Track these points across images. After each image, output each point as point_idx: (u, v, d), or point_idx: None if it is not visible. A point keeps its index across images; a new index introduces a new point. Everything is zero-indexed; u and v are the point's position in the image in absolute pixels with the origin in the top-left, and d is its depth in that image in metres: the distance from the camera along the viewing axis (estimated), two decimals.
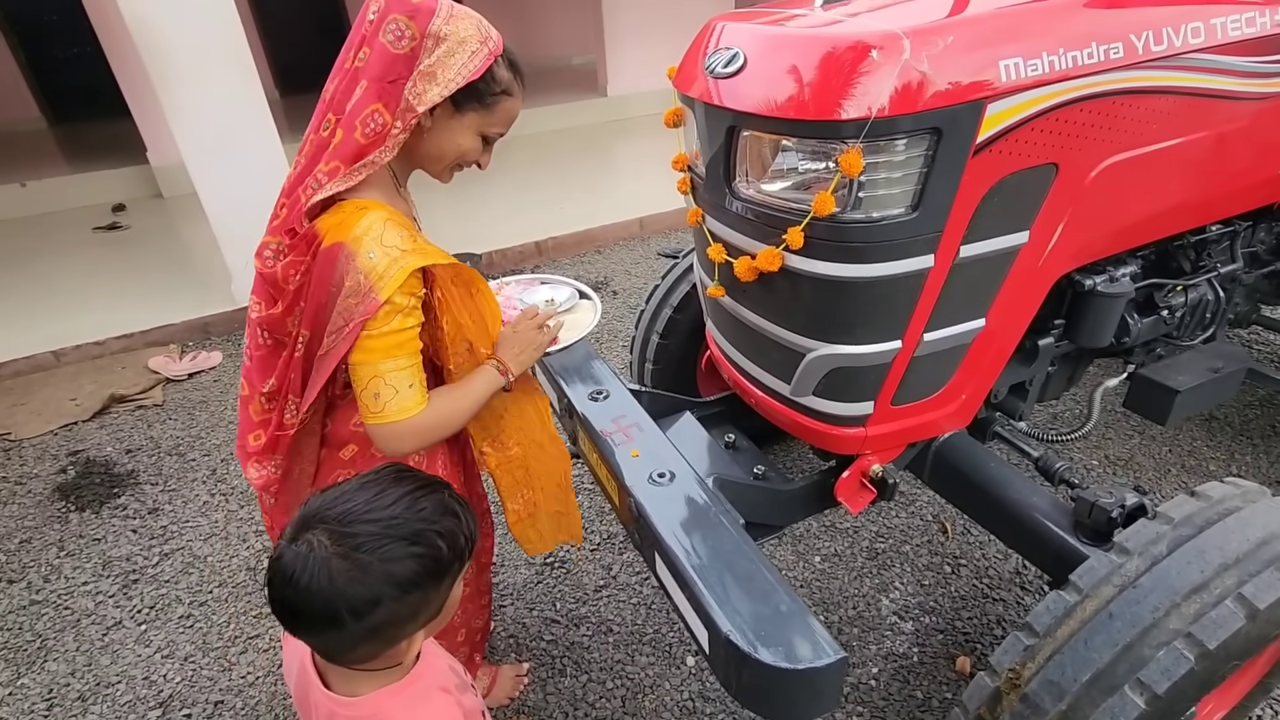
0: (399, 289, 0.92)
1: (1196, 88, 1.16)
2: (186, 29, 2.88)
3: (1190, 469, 2.26)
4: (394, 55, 0.91)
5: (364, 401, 0.97)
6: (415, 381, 0.98)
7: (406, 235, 0.95)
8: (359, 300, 0.91)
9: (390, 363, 0.95)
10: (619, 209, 4.51)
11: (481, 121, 1.01)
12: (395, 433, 0.99)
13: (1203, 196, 1.35)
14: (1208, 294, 1.57)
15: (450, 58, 0.93)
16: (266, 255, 0.99)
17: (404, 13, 0.91)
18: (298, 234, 0.95)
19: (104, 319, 3.45)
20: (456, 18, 0.94)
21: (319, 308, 0.94)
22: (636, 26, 6.96)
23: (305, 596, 0.68)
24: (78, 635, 1.90)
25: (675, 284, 2.07)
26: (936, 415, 1.34)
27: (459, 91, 0.95)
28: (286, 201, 0.97)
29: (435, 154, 1.02)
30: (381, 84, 0.92)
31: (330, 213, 0.95)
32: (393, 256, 0.92)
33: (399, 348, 0.95)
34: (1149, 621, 0.98)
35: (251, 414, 1.09)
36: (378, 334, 0.93)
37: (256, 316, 1.03)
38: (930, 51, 0.95)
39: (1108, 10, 1.07)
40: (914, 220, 1.06)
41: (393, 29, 0.91)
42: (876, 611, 1.86)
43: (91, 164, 5.75)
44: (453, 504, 0.78)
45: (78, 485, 2.48)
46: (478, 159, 1.06)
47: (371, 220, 0.93)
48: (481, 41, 0.95)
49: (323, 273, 0.93)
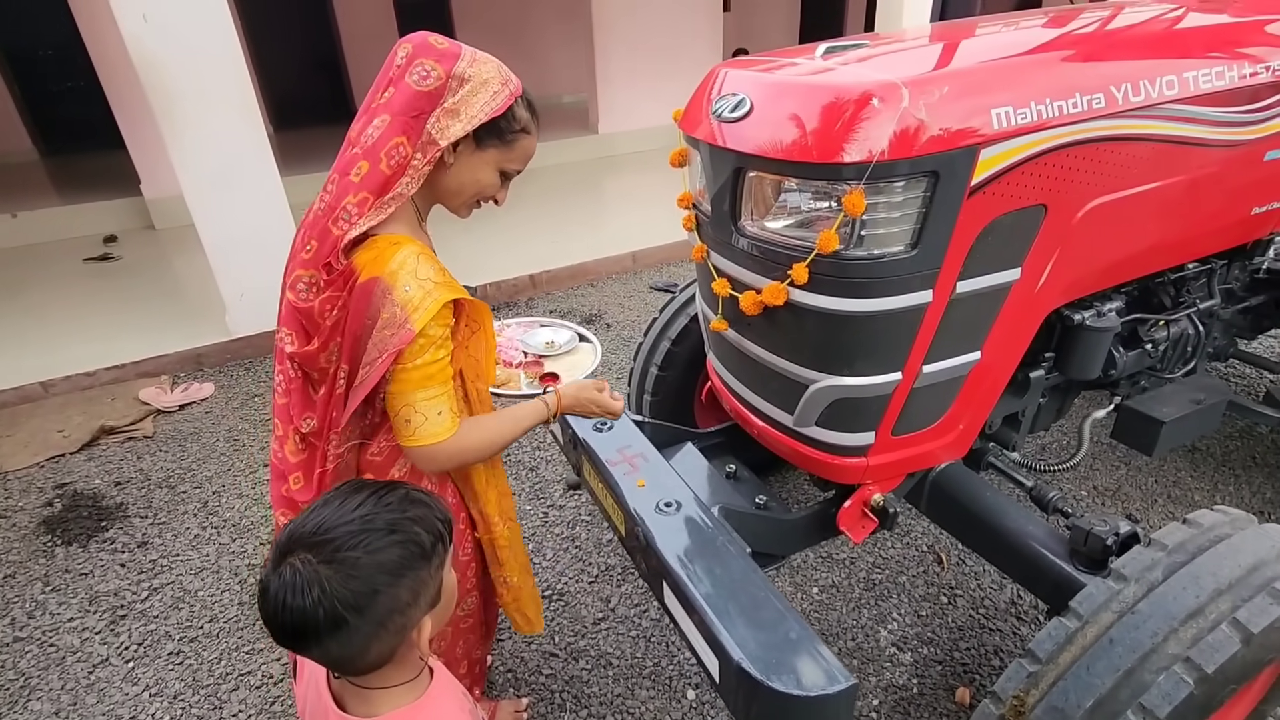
0: (433, 320, 0.96)
1: (1172, 135, 1.23)
2: (192, 67, 2.94)
3: (1176, 499, 2.31)
4: (418, 92, 0.97)
5: (396, 425, 1.02)
6: (445, 409, 1.02)
7: (438, 269, 1.00)
8: (394, 331, 0.95)
9: (422, 392, 0.99)
10: (611, 243, 4.58)
11: (501, 157, 1.06)
12: (427, 455, 1.03)
13: (1180, 236, 1.42)
14: (1188, 328, 1.64)
15: (474, 96, 0.98)
16: (300, 288, 1.01)
17: (431, 57, 0.97)
18: (334, 269, 0.98)
19: (94, 350, 3.42)
20: (480, 61, 1.00)
21: (355, 341, 0.97)
22: (627, 67, 7.16)
23: (302, 614, 0.69)
24: (63, 673, 1.86)
25: (673, 317, 2.11)
26: (935, 445, 1.38)
27: (480, 128, 1.00)
28: (313, 235, 0.99)
29: (455, 188, 1.06)
30: (405, 118, 0.96)
31: (364, 248, 0.98)
32: (426, 289, 0.96)
33: (431, 378, 0.99)
34: (1148, 647, 1.01)
35: (289, 454, 1.09)
36: (412, 366, 0.97)
37: (290, 350, 1.05)
38: (927, 100, 1.01)
39: (1089, 64, 1.14)
40: (913, 258, 1.11)
41: (419, 70, 0.97)
42: (875, 643, 1.86)
43: (83, 195, 5.75)
44: (417, 495, 0.81)
45: (64, 518, 2.43)
46: (495, 194, 1.11)
47: (406, 255, 0.97)
48: (503, 83, 1.01)
49: (359, 307, 0.96)
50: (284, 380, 1.09)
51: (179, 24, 2.86)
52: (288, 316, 1.04)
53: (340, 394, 1.02)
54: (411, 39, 1.00)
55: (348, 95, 9.11)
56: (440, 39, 1.00)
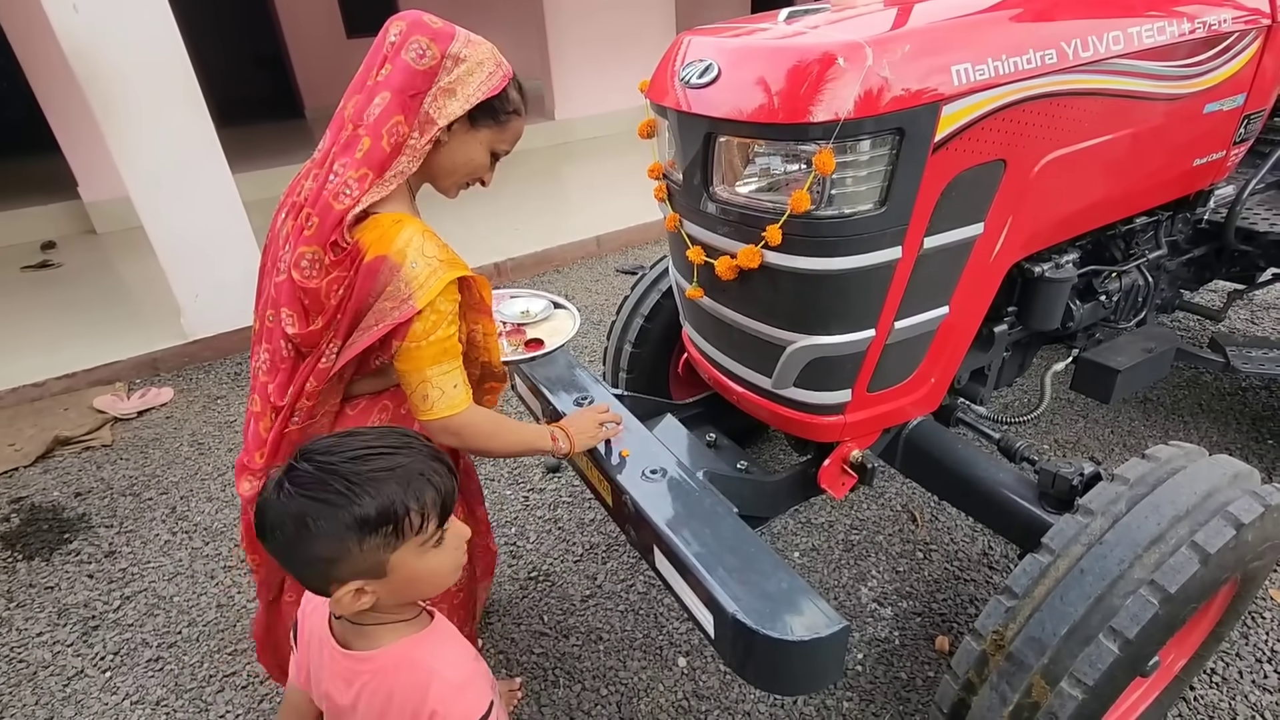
0: (441, 295, 0.97)
1: (1119, 90, 1.28)
2: (130, 59, 2.81)
3: (1131, 447, 2.42)
4: (415, 70, 0.97)
5: (414, 402, 1.05)
6: (459, 382, 1.06)
7: (441, 246, 1.01)
8: (395, 304, 0.96)
9: (436, 368, 1.02)
10: (575, 229, 4.56)
11: (493, 138, 1.08)
12: (445, 426, 1.06)
13: (1129, 188, 1.48)
14: (1138, 279, 1.72)
15: (470, 76, 1.00)
16: (304, 265, 0.99)
17: (426, 35, 0.98)
18: (341, 247, 0.97)
19: (41, 360, 3.28)
20: (474, 43, 1.03)
21: (355, 316, 0.98)
22: (581, 52, 7.09)
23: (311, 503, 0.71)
24: (35, 688, 1.80)
25: (645, 294, 2.12)
26: (908, 400, 1.42)
27: (475, 109, 1.01)
28: (313, 211, 0.98)
29: (449, 168, 1.08)
30: (403, 96, 0.97)
31: (367, 226, 0.98)
32: (432, 267, 0.97)
33: (443, 354, 1.02)
34: (1116, 573, 1.06)
35: (261, 430, 1.09)
36: (426, 343, 0.99)
37: (291, 331, 1.03)
38: (890, 59, 1.04)
39: (1041, 22, 1.18)
40: (882, 215, 1.14)
41: (415, 48, 0.97)
42: (857, 600, 1.92)
43: (15, 201, 5.47)
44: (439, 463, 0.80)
45: (23, 533, 2.34)
46: (485, 174, 1.13)
47: (411, 233, 0.98)
48: (497, 65, 1.04)
49: (364, 285, 0.97)
50: (270, 359, 1.07)
51: (111, 14, 2.73)
52: (288, 297, 1.02)
53: (324, 367, 1.01)
54: (404, 16, 1.00)
55: (293, 89, 8.83)
56: (434, 18, 1.01)
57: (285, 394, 1.05)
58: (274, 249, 1.08)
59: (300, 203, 1.02)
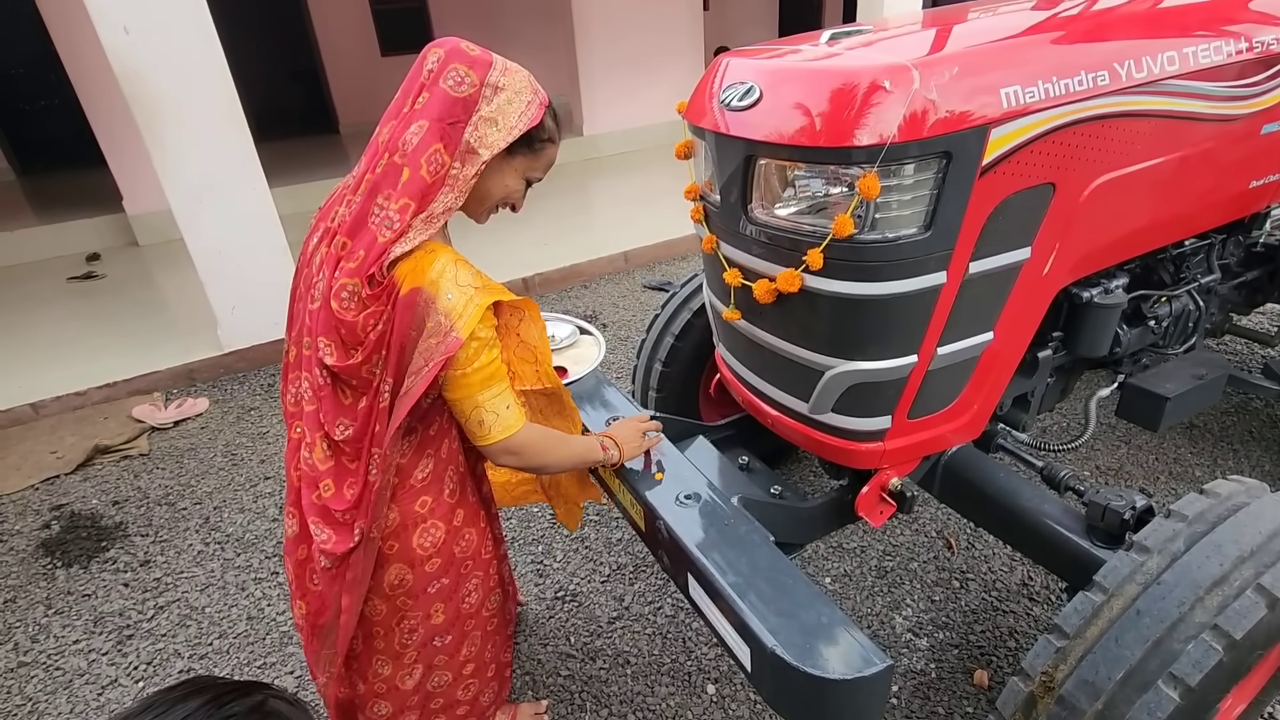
0: (480, 323, 0.97)
1: (1173, 111, 1.24)
2: (175, 77, 2.90)
3: (1177, 475, 2.33)
4: (454, 99, 0.97)
5: (470, 428, 1.06)
6: (511, 402, 1.07)
7: (475, 273, 1.01)
8: (440, 340, 0.95)
9: (487, 392, 1.03)
10: (603, 244, 4.58)
11: (527, 165, 1.08)
12: (504, 448, 1.08)
13: (1182, 211, 1.44)
14: (1189, 304, 1.66)
15: (510, 105, 0.99)
16: (344, 297, 0.98)
17: (464, 63, 0.97)
18: (377, 282, 0.96)
19: (84, 369, 3.37)
20: (511, 71, 1.02)
21: (401, 353, 0.97)
22: (609, 68, 7.16)
23: None
24: (71, 696, 1.82)
25: (675, 313, 2.10)
26: (950, 428, 1.38)
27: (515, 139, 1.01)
28: (351, 241, 0.97)
29: (484, 195, 1.06)
30: (442, 125, 0.96)
31: (401, 260, 0.97)
32: (468, 295, 0.97)
33: (491, 378, 1.02)
34: (1176, 616, 1.01)
35: (317, 461, 1.06)
36: (472, 370, 0.99)
37: (330, 361, 1.01)
38: (938, 81, 1.02)
39: (1093, 43, 1.15)
40: (927, 239, 1.11)
41: (454, 76, 0.96)
42: (891, 629, 1.87)
43: (64, 214, 5.66)
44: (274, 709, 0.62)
45: (63, 540, 2.39)
46: (517, 200, 1.12)
47: (444, 263, 0.97)
48: (534, 93, 1.03)
49: (404, 319, 0.96)
50: (311, 388, 1.06)
51: (161, 35, 2.82)
52: (325, 326, 1.00)
53: (384, 407, 1.00)
54: (443, 44, 1.00)
55: (328, 105, 9.04)
56: (472, 46, 1.00)
57: (336, 422, 1.04)
58: (307, 274, 1.07)
59: (334, 229, 1.01)
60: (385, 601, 1.16)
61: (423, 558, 1.15)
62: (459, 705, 1.38)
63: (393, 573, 1.14)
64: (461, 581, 1.24)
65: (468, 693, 1.37)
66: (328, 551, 1.07)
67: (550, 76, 10.18)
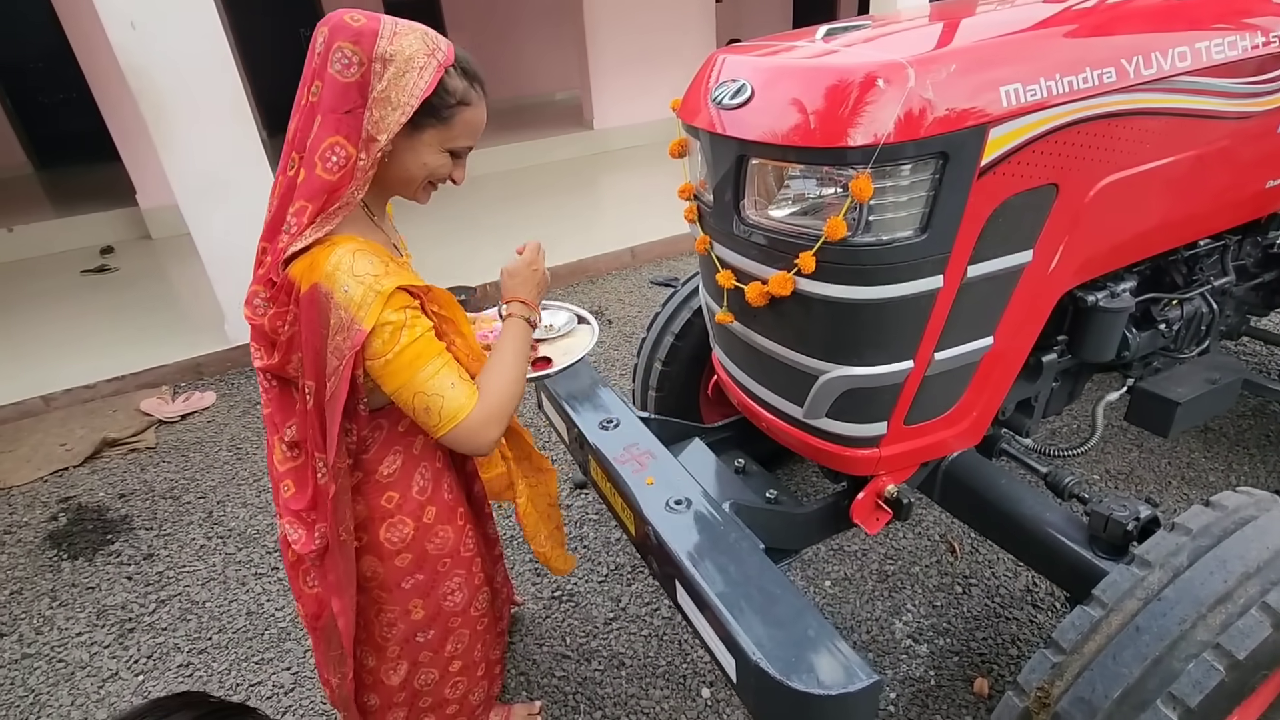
0: (386, 307, 0.91)
1: (1185, 108, 1.20)
2: (181, 74, 2.90)
3: (1190, 480, 2.28)
4: (345, 84, 0.89)
5: (421, 421, 0.97)
6: (454, 379, 0.97)
7: (378, 261, 0.93)
8: (345, 336, 0.90)
9: (421, 374, 0.95)
10: (610, 239, 4.55)
11: (442, 137, 0.97)
12: (465, 432, 0.98)
13: (1194, 212, 1.39)
14: (1202, 307, 1.61)
15: (402, 78, 0.89)
16: (256, 304, 0.98)
17: (348, 39, 0.89)
18: (276, 284, 0.95)
19: (94, 362, 3.40)
20: (400, 35, 0.90)
21: (316, 354, 0.93)
22: (620, 61, 7.11)
23: None
24: (72, 689, 1.84)
25: (676, 311, 2.08)
26: (948, 434, 1.35)
27: (416, 111, 0.92)
28: (269, 246, 0.96)
29: (404, 178, 0.99)
30: (337, 115, 0.89)
31: (300, 256, 0.94)
32: (366, 284, 0.90)
33: (420, 357, 0.94)
34: (1176, 634, 0.98)
35: (277, 463, 1.07)
36: (394, 355, 0.92)
37: (259, 363, 1.02)
38: (934, 79, 0.98)
39: (1098, 37, 1.11)
40: (923, 242, 1.08)
41: (340, 58, 0.89)
42: (890, 635, 1.84)
43: (79, 207, 5.73)
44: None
45: (69, 532, 2.42)
46: (449, 175, 1.03)
47: (340, 255, 0.91)
48: (429, 54, 0.91)
49: (309, 317, 0.92)
50: (264, 390, 1.07)
51: (167, 30, 2.83)
52: (252, 332, 1.01)
53: (312, 409, 0.98)
54: (328, 20, 0.90)
55: None
56: (356, 15, 0.91)
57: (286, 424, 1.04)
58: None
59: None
60: (361, 593, 1.17)
61: (391, 552, 1.15)
62: (448, 704, 1.37)
63: (364, 565, 1.15)
64: (439, 579, 1.23)
65: (456, 691, 1.37)
66: (299, 551, 1.07)
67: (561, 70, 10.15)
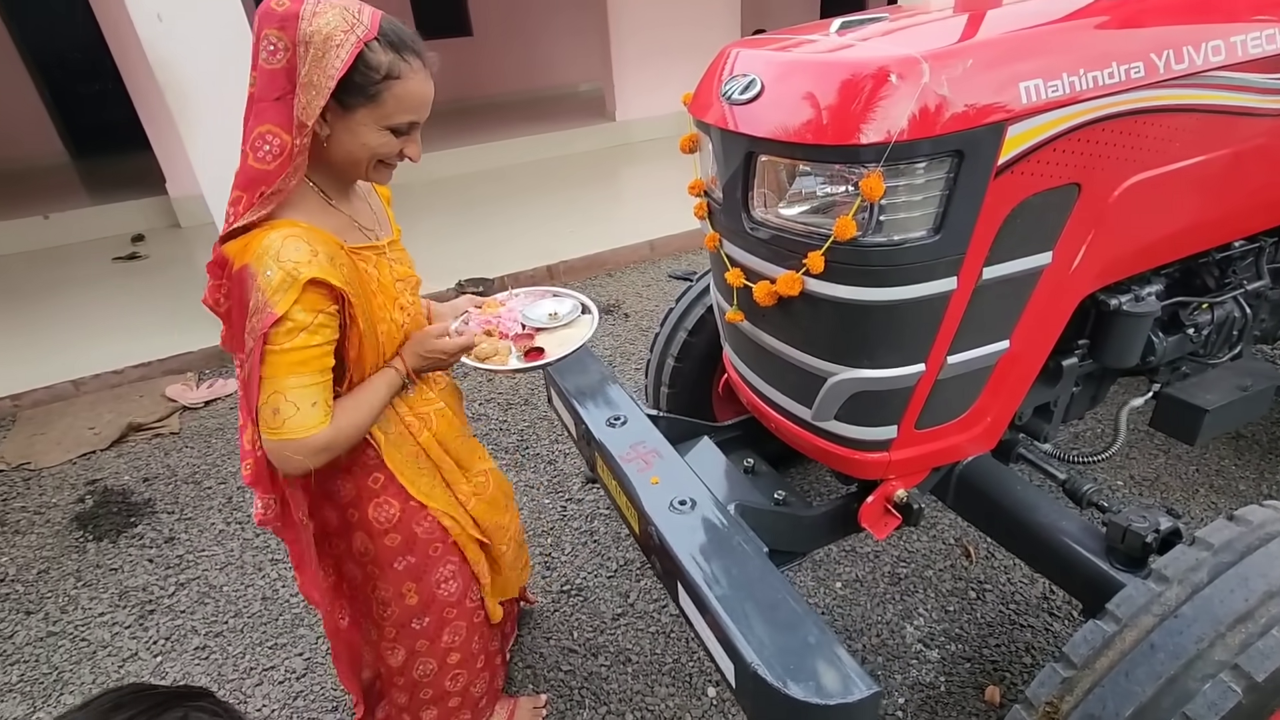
0: (298, 304, 0.91)
1: (1218, 105, 1.15)
2: (206, 65, 2.95)
3: (1219, 489, 2.20)
4: (272, 71, 0.89)
5: (263, 416, 0.95)
6: (319, 400, 0.96)
7: (307, 249, 0.93)
8: (260, 317, 0.91)
9: (294, 379, 0.94)
10: (629, 232, 4.53)
11: (376, 115, 0.94)
12: (291, 449, 0.96)
13: (1227, 213, 1.33)
14: (1234, 311, 1.55)
15: (322, 60, 0.88)
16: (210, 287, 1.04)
17: (274, 25, 0.89)
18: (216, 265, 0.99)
19: (123, 348, 3.49)
20: (319, 14, 0.89)
21: (240, 333, 0.96)
22: (644, 52, 7.06)
23: None
24: (94, 667, 1.89)
25: (689, 307, 2.06)
26: (961, 438, 1.32)
27: (343, 91, 0.90)
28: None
29: (347, 160, 0.99)
30: (268, 103, 0.90)
31: (240, 237, 0.96)
32: (286, 269, 0.90)
33: (303, 364, 0.94)
34: (1193, 653, 0.95)
35: (246, 442, 1.09)
36: (280, 349, 0.92)
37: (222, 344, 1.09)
38: (950, 74, 0.95)
39: (1127, 30, 1.07)
40: (936, 243, 1.05)
41: (267, 46, 0.90)
42: (901, 639, 1.81)
43: (112, 196, 5.87)
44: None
45: (95, 514, 2.48)
46: (398, 152, 1.01)
47: (272, 238, 0.92)
48: (347, 31, 0.88)
49: (239, 297, 0.94)
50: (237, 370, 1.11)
51: (193, 23, 2.87)
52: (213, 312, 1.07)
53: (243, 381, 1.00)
54: (260, 7, 0.90)
55: None
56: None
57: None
58: None
59: None
60: (359, 566, 1.24)
61: (380, 530, 1.19)
62: (449, 696, 1.39)
63: (358, 540, 1.21)
64: (431, 565, 1.25)
65: (456, 683, 1.39)
66: (257, 523, 1.13)
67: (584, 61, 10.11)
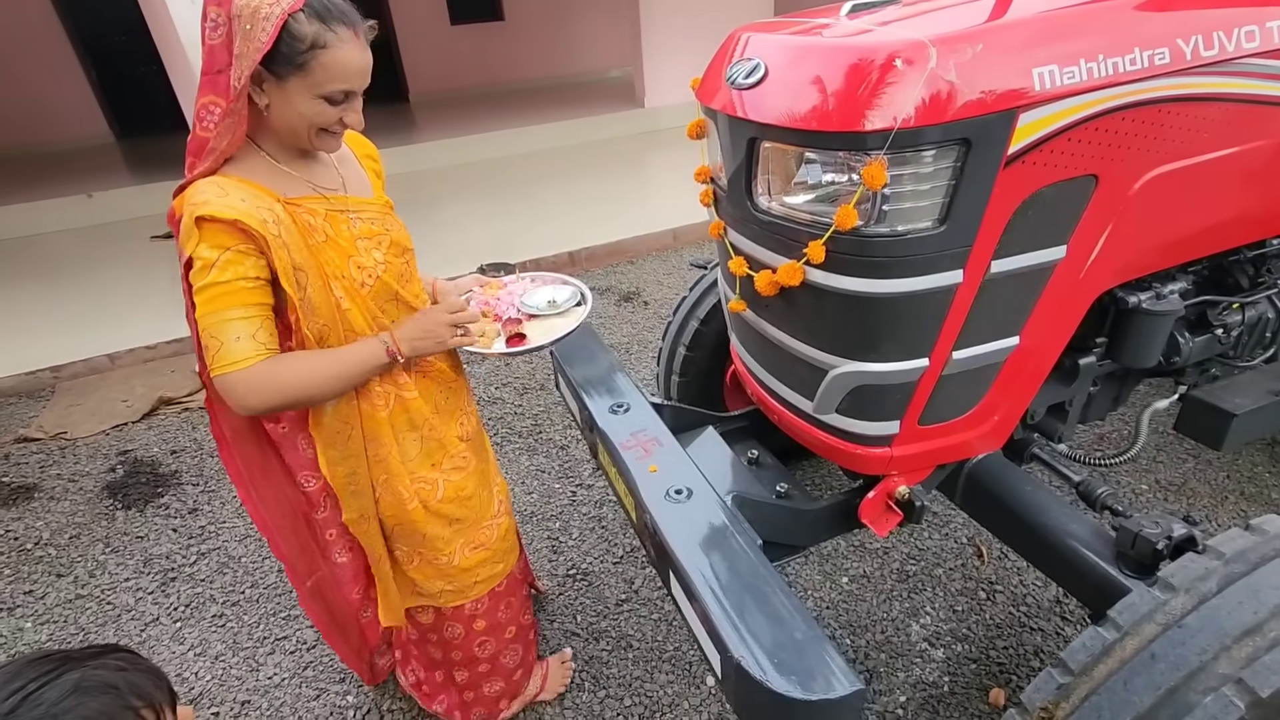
0: (202, 243, 0.94)
1: (1251, 94, 1.09)
2: None
3: (1250, 496, 2.12)
4: (214, 47, 0.93)
5: (206, 355, 1.00)
6: (244, 334, 0.97)
7: (217, 190, 0.96)
8: (181, 259, 0.98)
9: (215, 315, 0.96)
10: (653, 220, 4.51)
11: (308, 84, 0.95)
12: (228, 385, 0.98)
13: (1260, 209, 1.27)
14: (1268, 311, 1.48)
15: (251, 32, 0.90)
16: None
17: (214, 2, 0.92)
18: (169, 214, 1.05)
19: (156, 325, 3.59)
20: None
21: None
22: (674, 38, 6.99)
23: None
24: (118, 630, 1.97)
25: (702, 296, 2.05)
26: (968, 436, 1.29)
27: (274, 62, 0.92)
28: None
29: (287, 129, 1.00)
30: (210, 76, 0.95)
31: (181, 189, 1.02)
32: (190, 213, 0.95)
33: (221, 298, 0.96)
34: (1195, 665, 0.91)
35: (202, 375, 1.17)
36: (197, 288, 0.97)
37: None
38: (958, 60, 0.92)
39: (1152, 13, 1.02)
40: (941, 234, 1.02)
41: (209, 23, 0.93)
42: (906, 637, 1.79)
43: (153, 175, 6.04)
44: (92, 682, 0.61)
45: (125, 484, 2.58)
46: (338, 120, 1.01)
47: (201, 186, 0.97)
48: (274, 3, 0.90)
49: (177, 243, 1.00)
50: None
51: None
52: None
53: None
54: None
55: (399, 73, 9.22)
56: None
57: None
58: None
59: None
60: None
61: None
62: (478, 662, 1.46)
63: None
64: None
65: (484, 650, 1.45)
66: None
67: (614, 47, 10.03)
